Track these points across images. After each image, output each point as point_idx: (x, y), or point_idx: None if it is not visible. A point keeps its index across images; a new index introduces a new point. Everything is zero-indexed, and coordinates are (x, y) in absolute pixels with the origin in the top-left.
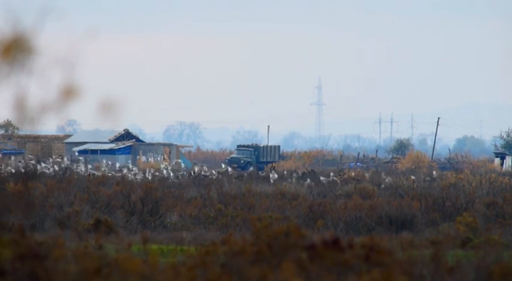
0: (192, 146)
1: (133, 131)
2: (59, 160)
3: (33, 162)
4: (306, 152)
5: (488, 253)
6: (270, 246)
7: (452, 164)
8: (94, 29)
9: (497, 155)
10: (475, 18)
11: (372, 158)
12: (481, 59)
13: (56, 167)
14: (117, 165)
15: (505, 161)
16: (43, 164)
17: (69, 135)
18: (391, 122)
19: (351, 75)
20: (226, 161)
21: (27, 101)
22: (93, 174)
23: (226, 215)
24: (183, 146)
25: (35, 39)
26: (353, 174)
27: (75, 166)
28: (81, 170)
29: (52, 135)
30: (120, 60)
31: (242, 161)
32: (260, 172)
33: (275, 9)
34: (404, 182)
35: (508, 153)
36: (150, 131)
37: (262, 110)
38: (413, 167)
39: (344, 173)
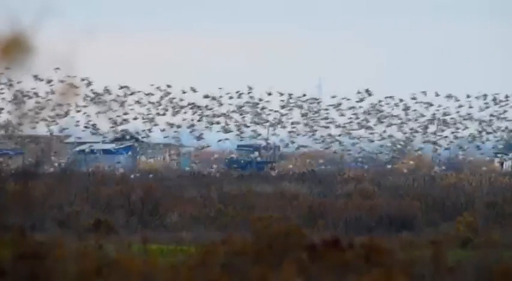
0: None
1: (133, 130)
2: (59, 159)
3: (33, 162)
4: (306, 152)
5: (488, 253)
6: (270, 246)
7: (453, 164)
8: (92, 28)
9: (496, 155)
10: (475, 19)
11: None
12: (481, 59)
13: (56, 167)
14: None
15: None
16: (43, 164)
17: (69, 135)
18: None
19: (351, 75)
20: (226, 161)
21: (27, 101)
22: (93, 174)
23: (226, 215)
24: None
25: (33, 38)
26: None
27: (74, 166)
28: (81, 170)
29: (52, 135)
30: (119, 60)
31: (242, 161)
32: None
33: (275, 9)
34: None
35: (507, 153)
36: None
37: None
38: (413, 167)
39: (344, 173)
